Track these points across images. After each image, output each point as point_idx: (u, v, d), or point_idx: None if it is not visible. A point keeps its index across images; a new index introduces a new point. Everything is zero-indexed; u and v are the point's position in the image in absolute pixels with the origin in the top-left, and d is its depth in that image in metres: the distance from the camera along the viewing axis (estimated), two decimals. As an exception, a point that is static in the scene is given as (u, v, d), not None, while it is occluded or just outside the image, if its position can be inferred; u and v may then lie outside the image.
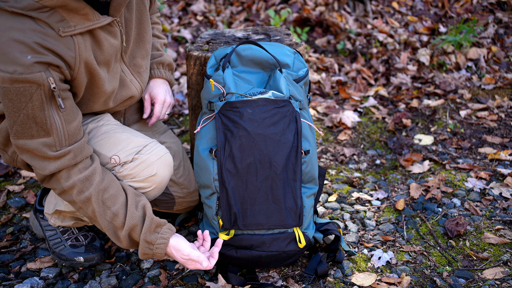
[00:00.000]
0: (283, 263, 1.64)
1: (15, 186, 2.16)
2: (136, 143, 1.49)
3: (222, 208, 1.55)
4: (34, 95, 1.25)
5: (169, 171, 1.55)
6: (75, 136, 1.37)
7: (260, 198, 1.54)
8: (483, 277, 1.66)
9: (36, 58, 1.22)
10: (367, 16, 4.10)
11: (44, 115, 1.29)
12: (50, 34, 1.25)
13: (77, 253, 1.69)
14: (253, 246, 1.57)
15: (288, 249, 1.58)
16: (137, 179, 1.48)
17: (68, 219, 1.69)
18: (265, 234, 1.57)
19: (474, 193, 2.11)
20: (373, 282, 1.64)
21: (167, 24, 3.76)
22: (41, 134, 1.31)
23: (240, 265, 1.65)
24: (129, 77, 1.57)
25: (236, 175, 1.54)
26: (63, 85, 1.31)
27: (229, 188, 1.53)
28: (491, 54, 3.44)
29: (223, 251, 1.60)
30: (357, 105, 3.02)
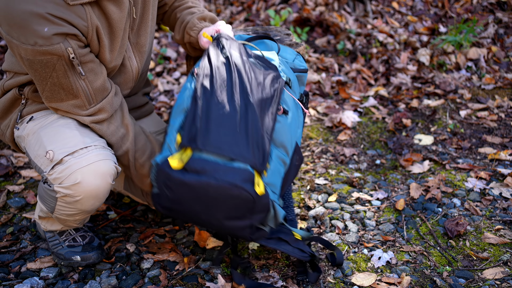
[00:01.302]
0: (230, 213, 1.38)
1: (15, 186, 2.16)
2: (75, 143, 1.41)
3: (187, 121, 1.40)
4: (57, 65, 1.32)
5: (102, 181, 1.41)
6: (102, 93, 1.45)
7: (229, 124, 1.38)
8: (483, 277, 1.66)
9: (53, 29, 1.26)
10: (367, 16, 4.09)
11: (69, 81, 1.37)
12: (60, 3, 1.28)
13: (74, 253, 1.69)
14: (205, 170, 1.33)
15: (242, 185, 1.32)
16: (64, 185, 1.38)
17: (56, 224, 1.69)
18: (221, 163, 1.36)
19: (474, 193, 2.11)
20: (373, 282, 1.64)
21: (167, 24, 3.77)
22: (70, 97, 1.41)
23: (182, 200, 1.39)
24: (128, 53, 1.56)
25: (210, 93, 1.41)
26: (83, 51, 1.36)
27: (199, 103, 1.40)
28: (491, 54, 3.44)
29: (171, 173, 1.36)
30: (357, 105, 3.02)
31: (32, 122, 1.52)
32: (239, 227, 1.42)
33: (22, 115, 1.56)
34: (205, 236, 1.86)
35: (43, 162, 1.43)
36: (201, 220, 1.44)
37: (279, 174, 1.50)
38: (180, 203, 1.40)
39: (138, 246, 1.84)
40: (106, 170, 1.42)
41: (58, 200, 1.43)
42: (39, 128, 1.49)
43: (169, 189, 1.38)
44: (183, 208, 1.41)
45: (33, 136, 1.49)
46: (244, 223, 1.41)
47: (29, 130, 1.51)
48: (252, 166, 1.36)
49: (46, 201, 1.50)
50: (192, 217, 1.45)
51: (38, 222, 1.74)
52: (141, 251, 1.82)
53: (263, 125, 1.41)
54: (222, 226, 1.42)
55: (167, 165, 1.36)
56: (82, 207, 1.45)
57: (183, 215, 1.46)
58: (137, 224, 1.97)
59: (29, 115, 1.55)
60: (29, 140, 1.50)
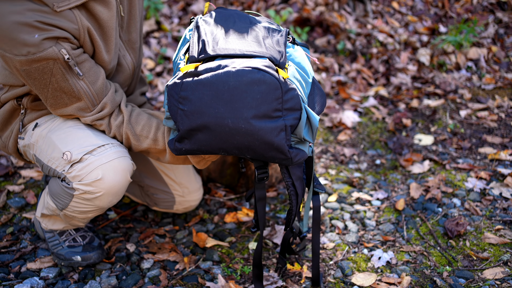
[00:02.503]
0: (257, 107, 1.19)
1: (15, 186, 2.16)
2: (91, 142, 1.43)
3: (191, 42, 1.30)
4: (54, 69, 1.32)
5: (122, 177, 1.44)
6: (102, 92, 1.44)
7: (237, 36, 1.29)
8: (483, 277, 1.65)
9: (43, 35, 1.26)
10: (367, 16, 4.09)
11: (69, 85, 1.37)
12: (47, 11, 1.28)
13: (75, 253, 1.69)
14: (220, 67, 1.20)
15: (266, 70, 1.19)
16: (84, 182, 1.40)
17: (58, 223, 1.69)
18: (237, 55, 1.25)
19: (474, 193, 2.11)
20: (373, 282, 1.64)
21: (167, 24, 3.76)
22: (73, 100, 1.42)
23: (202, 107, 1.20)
24: (122, 52, 1.56)
25: (212, 22, 1.35)
26: (76, 52, 1.35)
27: (201, 27, 1.33)
28: (491, 54, 3.44)
29: (184, 81, 1.22)
30: (357, 105, 3.02)
31: (38, 128, 1.52)
32: (272, 129, 1.21)
33: (24, 124, 1.56)
34: (203, 237, 1.86)
35: (59, 163, 1.43)
36: (228, 130, 1.20)
37: (301, 85, 1.32)
38: (201, 113, 1.21)
39: (138, 246, 1.84)
40: (126, 166, 1.45)
41: (75, 197, 1.44)
42: (48, 132, 1.49)
43: (185, 100, 1.21)
44: (205, 120, 1.21)
45: (44, 141, 1.49)
46: (276, 124, 1.21)
47: (38, 136, 1.51)
48: (271, 59, 1.25)
49: (60, 198, 1.50)
50: (219, 132, 1.22)
51: (39, 221, 1.74)
52: (141, 251, 1.82)
53: (275, 38, 1.32)
54: (253, 130, 1.19)
55: (178, 77, 1.23)
56: (100, 204, 1.46)
57: (206, 135, 1.24)
58: (137, 224, 1.97)
59: (32, 123, 1.55)
60: (39, 145, 1.50)
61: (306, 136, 1.29)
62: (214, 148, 1.26)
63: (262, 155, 1.26)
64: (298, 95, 1.23)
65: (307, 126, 1.29)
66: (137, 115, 1.50)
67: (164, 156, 1.52)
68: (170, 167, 1.83)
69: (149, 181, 1.86)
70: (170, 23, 3.85)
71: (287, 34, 1.39)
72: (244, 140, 1.22)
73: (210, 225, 1.97)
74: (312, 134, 1.32)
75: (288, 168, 1.39)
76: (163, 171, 1.83)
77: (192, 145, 1.27)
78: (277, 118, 1.21)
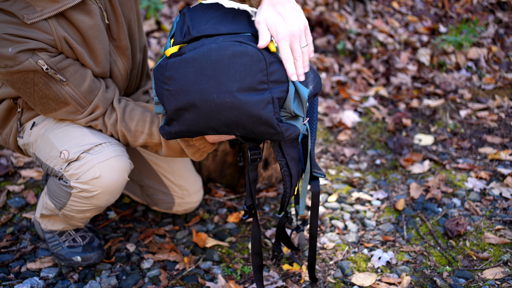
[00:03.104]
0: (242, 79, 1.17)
1: (15, 186, 2.16)
2: (88, 141, 1.42)
3: (177, 27, 1.31)
4: (35, 79, 1.31)
5: (119, 176, 1.43)
6: (91, 93, 1.42)
7: (221, 18, 1.29)
8: (483, 277, 1.65)
9: (17, 47, 1.24)
10: (367, 16, 4.09)
11: (53, 92, 1.36)
12: (18, 22, 1.25)
13: (75, 253, 1.69)
14: (204, 44, 1.20)
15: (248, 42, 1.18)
16: (81, 180, 1.39)
17: (58, 223, 1.69)
18: (221, 33, 1.24)
19: (474, 193, 2.11)
20: (373, 282, 1.64)
21: (167, 24, 3.76)
22: (61, 105, 1.40)
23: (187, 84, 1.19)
24: (113, 57, 1.53)
25: (199, 9, 1.35)
26: (57, 58, 1.32)
27: (187, 15, 1.33)
28: (491, 54, 3.44)
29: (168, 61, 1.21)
30: (357, 105, 3.02)
31: (36, 127, 1.52)
32: (258, 102, 1.18)
33: (22, 123, 1.56)
34: (203, 237, 1.86)
35: (57, 162, 1.43)
36: (214, 106, 1.18)
37: None
38: (186, 91, 1.19)
39: (138, 246, 1.84)
40: (123, 165, 1.44)
41: (72, 196, 1.44)
42: (45, 131, 1.48)
43: (170, 80, 1.20)
44: (191, 98, 1.19)
45: (42, 140, 1.48)
46: (263, 96, 1.18)
47: (36, 135, 1.51)
48: (254, 35, 1.23)
49: (58, 197, 1.49)
50: (205, 109, 1.20)
51: (39, 221, 1.74)
52: (141, 251, 1.82)
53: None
54: (239, 104, 1.17)
55: (164, 59, 1.23)
56: (98, 203, 1.46)
57: (193, 114, 1.22)
58: (137, 224, 1.97)
59: (29, 122, 1.55)
60: (38, 144, 1.50)
61: (296, 110, 1.25)
62: (202, 127, 1.24)
63: (251, 131, 1.23)
64: (283, 67, 1.21)
65: (296, 100, 1.26)
66: (130, 110, 1.48)
67: (161, 149, 1.51)
68: (169, 169, 1.83)
69: (149, 181, 1.86)
70: (170, 23, 3.84)
71: None
72: (231, 115, 1.19)
73: (210, 225, 1.97)
74: (303, 108, 1.27)
75: (281, 147, 1.35)
76: (162, 173, 1.83)
77: (180, 126, 1.25)
78: (263, 90, 1.18)
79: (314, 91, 1.40)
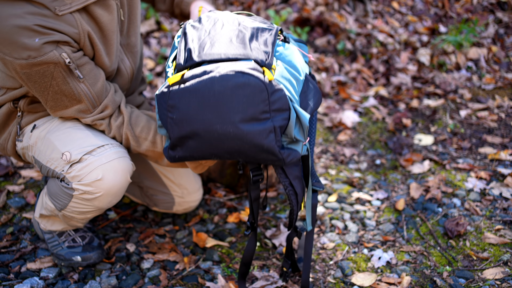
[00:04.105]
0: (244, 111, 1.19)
1: (15, 186, 2.16)
2: (90, 142, 1.42)
3: (178, 49, 1.31)
4: (55, 73, 1.32)
5: (121, 177, 1.43)
6: (103, 94, 1.44)
7: (223, 40, 1.28)
8: (483, 277, 1.65)
9: (44, 39, 1.26)
10: (367, 16, 4.09)
11: (70, 88, 1.37)
12: (48, 14, 1.27)
13: (75, 253, 1.69)
14: (206, 72, 1.20)
15: (250, 72, 1.18)
16: (84, 182, 1.39)
17: (57, 223, 1.69)
18: (222, 59, 1.24)
19: (474, 193, 2.11)
20: (373, 282, 1.64)
21: (167, 24, 3.76)
22: (74, 103, 1.41)
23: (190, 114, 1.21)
24: (120, 56, 1.55)
25: (199, 27, 1.34)
26: (77, 55, 1.35)
27: (188, 34, 1.32)
28: (491, 54, 3.44)
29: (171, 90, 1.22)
30: (357, 105, 3.02)
31: (36, 130, 1.52)
32: (261, 132, 1.21)
33: (22, 127, 1.56)
34: (203, 237, 1.86)
35: (58, 164, 1.42)
36: (217, 136, 1.22)
37: (291, 83, 1.30)
38: (189, 121, 1.21)
39: (138, 246, 1.84)
40: (125, 167, 1.44)
41: (74, 198, 1.44)
42: (46, 133, 1.48)
43: (173, 109, 1.22)
44: (194, 127, 1.22)
45: (43, 142, 1.48)
46: (265, 126, 1.21)
47: (36, 137, 1.51)
48: (256, 61, 1.23)
49: (59, 198, 1.49)
50: (208, 139, 1.23)
51: (38, 221, 1.74)
52: (141, 251, 1.82)
53: (262, 39, 1.30)
54: (242, 135, 1.20)
55: (166, 86, 1.24)
56: (99, 204, 1.46)
57: (197, 142, 1.25)
58: (137, 224, 1.97)
59: (30, 125, 1.55)
60: (38, 147, 1.50)
61: (298, 135, 1.29)
62: (205, 154, 1.27)
63: (253, 157, 1.26)
64: (285, 96, 1.22)
65: (297, 126, 1.28)
66: (136, 116, 1.50)
67: (162, 159, 1.52)
68: (169, 168, 1.83)
69: (148, 182, 1.86)
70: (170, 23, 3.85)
71: (277, 33, 1.35)
72: (233, 144, 1.22)
73: (210, 225, 1.97)
74: (304, 133, 1.31)
75: (283, 168, 1.37)
76: (162, 173, 1.83)
77: (184, 152, 1.28)
78: (265, 120, 1.20)
79: (314, 108, 1.41)
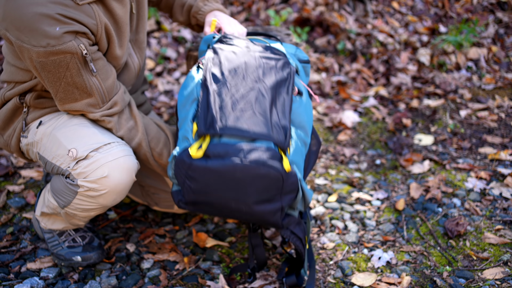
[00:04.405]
0: (260, 195, 1.31)
1: (15, 186, 2.16)
2: (97, 140, 1.42)
3: (200, 109, 1.34)
4: (70, 63, 1.32)
5: (127, 175, 1.44)
6: (113, 90, 1.46)
7: (244, 106, 1.33)
8: (483, 277, 1.65)
9: (64, 28, 1.27)
10: (367, 16, 4.09)
11: (83, 80, 1.37)
12: (69, 4, 1.29)
13: (75, 253, 1.69)
14: (228, 154, 1.28)
15: (271, 164, 1.27)
16: (89, 179, 1.40)
17: (58, 222, 1.69)
18: (243, 142, 1.30)
19: (474, 193, 2.11)
20: (373, 282, 1.64)
21: (167, 24, 3.76)
22: (84, 96, 1.42)
23: (208, 189, 1.32)
24: (129, 51, 1.57)
25: (221, 79, 1.37)
26: (93, 48, 1.37)
27: (210, 89, 1.35)
28: (491, 54, 3.44)
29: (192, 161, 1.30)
30: (357, 105, 3.02)
31: (42, 126, 1.52)
32: (270, 212, 1.34)
33: (27, 123, 1.56)
34: (203, 237, 1.86)
35: (64, 160, 1.43)
36: (230, 209, 1.34)
37: (301, 155, 1.41)
38: (206, 193, 1.32)
39: (138, 246, 1.84)
40: (131, 165, 1.45)
41: (79, 194, 1.44)
42: (52, 129, 1.49)
43: (193, 180, 1.31)
44: (210, 199, 1.34)
45: (48, 139, 1.49)
46: (274, 206, 1.33)
47: (42, 134, 1.51)
48: (275, 143, 1.30)
49: (62, 195, 1.49)
50: (221, 208, 1.36)
51: (38, 220, 1.74)
52: (141, 251, 1.82)
53: (280, 104, 1.36)
54: (253, 212, 1.33)
55: (187, 155, 1.30)
56: (104, 202, 1.46)
57: (210, 207, 1.37)
58: (137, 224, 1.97)
59: (36, 121, 1.55)
60: (43, 143, 1.50)
61: (299, 207, 1.44)
62: (215, 214, 1.43)
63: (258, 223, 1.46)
64: (297, 180, 1.33)
65: (301, 201, 1.42)
66: (147, 125, 1.54)
67: (161, 170, 1.59)
68: None
69: (151, 181, 1.86)
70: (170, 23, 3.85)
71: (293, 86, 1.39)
72: (243, 216, 1.37)
73: (210, 225, 1.97)
74: (304, 205, 1.45)
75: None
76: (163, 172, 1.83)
77: (195, 208, 1.41)
78: (276, 201, 1.33)
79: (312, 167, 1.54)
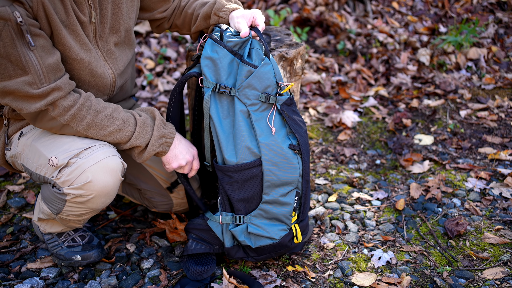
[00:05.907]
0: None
1: (15, 186, 2.16)
2: (76, 146, 1.38)
3: (302, 205, 1.59)
4: (3, 32, 1.23)
5: (112, 177, 1.41)
6: (55, 73, 1.33)
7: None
8: (483, 277, 1.66)
9: None
10: (367, 16, 4.09)
11: (17, 52, 1.26)
12: None
13: (75, 252, 1.69)
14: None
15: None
16: (74, 186, 1.37)
17: (56, 226, 1.68)
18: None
19: (474, 193, 2.11)
20: (373, 282, 1.64)
21: (167, 24, 3.77)
22: (19, 72, 1.29)
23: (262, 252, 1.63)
24: (102, 61, 1.50)
25: (307, 167, 1.58)
26: (31, 21, 1.28)
27: (307, 181, 1.59)
28: (491, 54, 3.44)
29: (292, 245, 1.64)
30: (357, 105, 3.02)
31: (23, 137, 1.50)
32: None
33: (9, 135, 1.54)
34: None
35: (47, 170, 1.41)
36: None
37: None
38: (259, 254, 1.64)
39: (138, 246, 1.84)
40: (115, 166, 1.41)
41: (68, 202, 1.42)
42: (32, 140, 1.47)
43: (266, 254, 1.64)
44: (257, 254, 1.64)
45: (29, 150, 1.47)
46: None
47: (23, 145, 1.49)
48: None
49: (53, 203, 1.48)
50: None
51: (37, 225, 1.74)
52: (141, 251, 1.82)
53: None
54: None
55: (291, 239, 1.62)
56: (94, 206, 1.44)
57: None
58: (137, 224, 1.97)
59: (17, 133, 1.53)
60: (25, 154, 1.49)
61: None
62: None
63: None
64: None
65: None
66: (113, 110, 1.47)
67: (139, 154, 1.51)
68: (165, 171, 1.81)
69: (145, 185, 1.85)
70: (170, 23, 3.83)
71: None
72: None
73: (210, 225, 1.97)
74: None
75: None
76: (158, 176, 1.82)
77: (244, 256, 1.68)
78: None
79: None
